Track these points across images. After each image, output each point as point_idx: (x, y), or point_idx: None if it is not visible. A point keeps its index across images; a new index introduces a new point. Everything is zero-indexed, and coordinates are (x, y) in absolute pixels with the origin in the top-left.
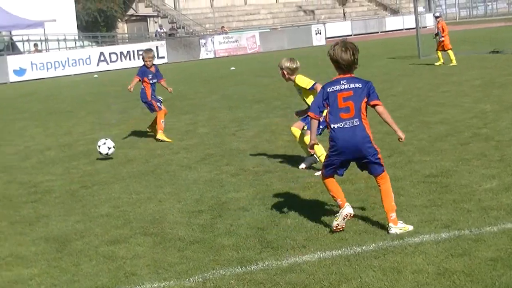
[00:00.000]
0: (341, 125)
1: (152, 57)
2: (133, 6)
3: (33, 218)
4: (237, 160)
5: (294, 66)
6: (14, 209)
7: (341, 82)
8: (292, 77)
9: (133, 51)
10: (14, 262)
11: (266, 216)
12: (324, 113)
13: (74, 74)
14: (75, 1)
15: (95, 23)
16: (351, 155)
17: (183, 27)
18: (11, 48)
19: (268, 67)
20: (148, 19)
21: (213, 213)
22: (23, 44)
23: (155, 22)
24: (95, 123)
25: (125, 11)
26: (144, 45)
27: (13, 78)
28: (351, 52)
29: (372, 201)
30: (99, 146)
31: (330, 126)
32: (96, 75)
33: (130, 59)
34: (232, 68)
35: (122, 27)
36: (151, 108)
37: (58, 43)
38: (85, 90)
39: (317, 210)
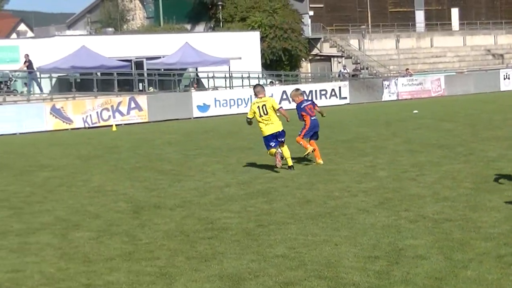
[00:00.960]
0: None
1: (293, 95)
2: (318, 45)
3: (209, 255)
4: (416, 206)
5: None
6: (191, 245)
7: None
8: None
9: (316, 91)
10: None
11: (444, 266)
12: None
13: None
14: (261, 39)
15: (279, 61)
16: None
17: (367, 68)
18: (196, 84)
19: (452, 112)
20: (332, 59)
21: (390, 260)
22: (208, 80)
23: (339, 62)
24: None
25: (309, 51)
26: (327, 85)
27: (196, 113)
28: None
29: None
30: None
31: None
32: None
33: (312, 98)
34: (415, 111)
35: (306, 66)
36: None
37: (242, 81)
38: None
39: (499, 263)
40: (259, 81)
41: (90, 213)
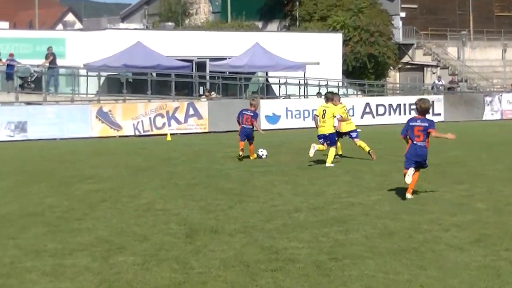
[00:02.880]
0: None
1: (251, 100)
2: (409, 52)
3: None
4: None
5: None
6: (251, 277)
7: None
8: None
9: (404, 104)
10: None
11: None
12: None
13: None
14: (343, 43)
15: (363, 69)
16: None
17: (466, 81)
18: (266, 91)
19: None
20: (425, 68)
21: None
22: (279, 87)
23: (433, 73)
24: (352, 184)
25: (399, 58)
26: (417, 98)
27: (264, 125)
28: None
29: None
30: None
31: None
32: (359, 129)
33: (400, 114)
34: None
35: (394, 76)
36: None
37: (319, 89)
38: (345, 145)
39: None
40: (338, 90)
41: (136, 234)
